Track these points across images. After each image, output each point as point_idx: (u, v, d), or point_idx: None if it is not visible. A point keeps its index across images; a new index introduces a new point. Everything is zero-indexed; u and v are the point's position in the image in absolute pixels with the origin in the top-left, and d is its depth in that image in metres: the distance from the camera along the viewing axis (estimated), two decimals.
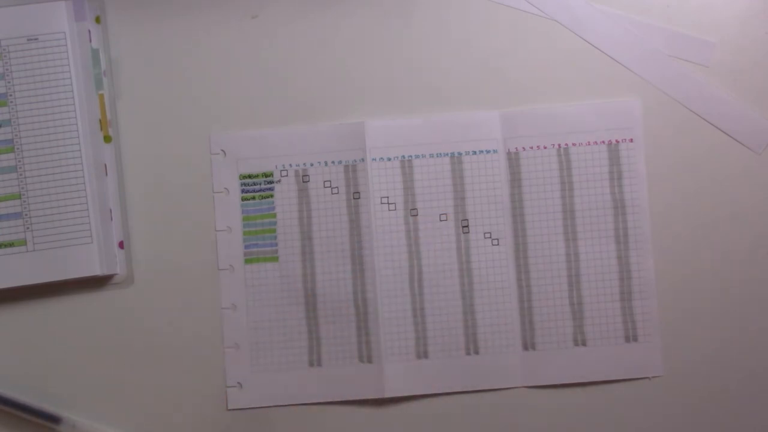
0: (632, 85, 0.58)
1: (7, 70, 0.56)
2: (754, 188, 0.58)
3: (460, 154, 0.58)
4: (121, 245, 0.57)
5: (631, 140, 0.58)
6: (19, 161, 0.56)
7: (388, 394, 0.56)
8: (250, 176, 0.58)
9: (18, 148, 0.56)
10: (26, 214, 0.56)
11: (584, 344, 0.57)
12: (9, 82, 0.56)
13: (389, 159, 0.58)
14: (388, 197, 0.58)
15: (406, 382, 0.57)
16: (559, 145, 0.58)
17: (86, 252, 0.55)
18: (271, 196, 0.58)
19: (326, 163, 0.58)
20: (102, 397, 0.56)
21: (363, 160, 0.58)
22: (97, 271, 0.55)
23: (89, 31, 0.57)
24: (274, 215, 0.58)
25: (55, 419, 0.55)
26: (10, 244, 0.55)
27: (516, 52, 0.59)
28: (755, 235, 0.58)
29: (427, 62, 0.59)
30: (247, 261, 0.57)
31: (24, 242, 0.55)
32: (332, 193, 0.58)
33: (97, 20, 0.58)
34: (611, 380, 0.57)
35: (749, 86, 0.59)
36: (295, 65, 0.59)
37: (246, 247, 0.57)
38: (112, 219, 0.57)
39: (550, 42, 0.59)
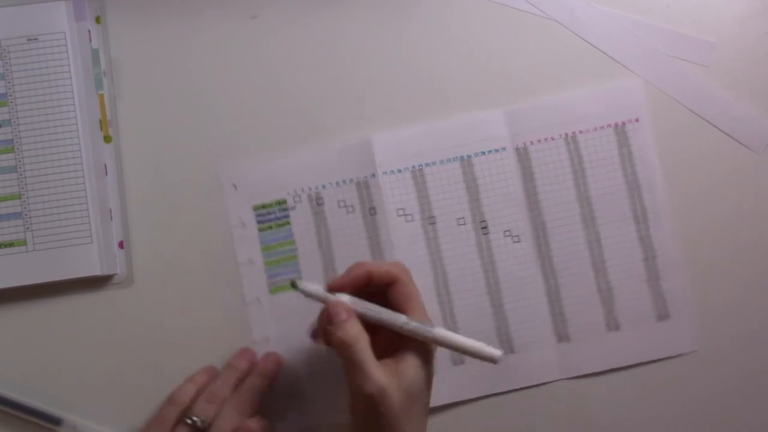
0: None
1: (7, 70, 0.56)
2: (754, 188, 0.58)
3: (469, 156, 0.58)
4: (121, 245, 0.57)
5: (637, 120, 0.58)
6: (19, 161, 0.56)
7: (430, 404, 0.56)
8: (263, 206, 0.57)
9: (18, 148, 0.56)
10: (26, 214, 0.56)
11: (617, 328, 0.57)
12: (9, 82, 0.56)
13: (400, 171, 0.58)
14: (404, 209, 0.57)
15: (446, 389, 0.56)
16: (566, 134, 0.58)
17: (86, 252, 0.55)
18: (288, 223, 0.57)
19: (338, 183, 0.57)
20: (102, 398, 0.56)
21: (374, 175, 0.57)
22: (97, 271, 0.55)
23: (89, 31, 0.57)
24: (293, 242, 0.57)
25: (55, 420, 0.55)
26: (10, 244, 0.55)
27: (516, 52, 0.59)
28: (756, 236, 0.58)
29: (427, 66, 0.58)
30: (272, 291, 0.57)
31: (24, 242, 0.55)
32: (348, 213, 0.57)
33: (97, 20, 0.58)
34: (650, 361, 0.57)
35: (749, 86, 0.59)
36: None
37: (269, 277, 0.57)
38: (112, 219, 0.56)
39: (550, 42, 0.59)
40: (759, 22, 0.59)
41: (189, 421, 0.51)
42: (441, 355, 0.56)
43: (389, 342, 0.48)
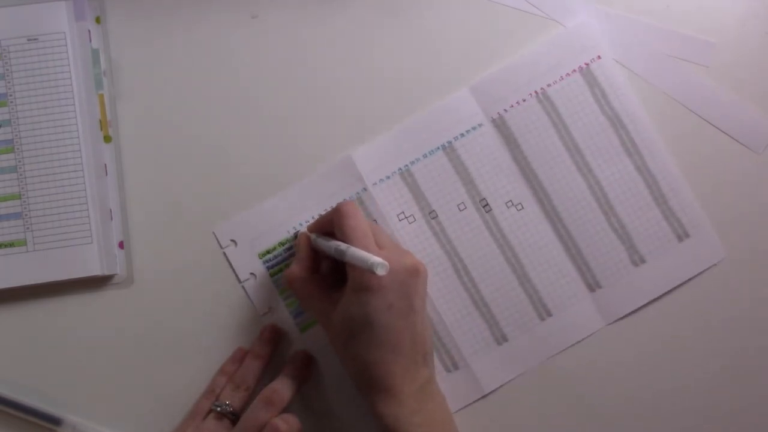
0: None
1: (7, 70, 0.56)
2: (754, 188, 0.58)
3: (450, 142, 0.58)
4: (121, 245, 0.57)
5: (599, 57, 0.58)
6: (19, 161, 0.56)
7: (487, 390, 0.56)
8: (268, 251, 0.57)
9: (18, 148, 0.56)
10: (26, 214, 0.56)
11: (643, 261, 0.57)
12: (9, 82, 0.56)
13: (388, 177, 0.57)
14: (403, 212, 0.57)
15: (498, 372, 0.56)
16: (536, 92, 0.58)
17: (86, 252, 0.55)
18: None
19: (332, 207, 0.57)
20: (102, 398, 0.56)
21: (365, 189, 0.57)
22: (97, 271, 0.55)
23: (89, 31, 0.57)
24: None
25: (55, 420, 0.55)
26: (10, 244, 0.55)
27: (517, 50, 0.59)
28: (755, 238, 0.58)
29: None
30: (303, 330, 0.57)
31: (24, 242, 0.55)
32: None
33: (97, 20, 0.58)
34: (684, 282, 0.57)
35: (749, 86, 0.59)
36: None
37: (295, 317, 0.57)
38: (112, 219, 0.56)
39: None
40: (759, 22, 0.59)
41: (218, 409, 0.53)
42: (482, 339, 0.56)
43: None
